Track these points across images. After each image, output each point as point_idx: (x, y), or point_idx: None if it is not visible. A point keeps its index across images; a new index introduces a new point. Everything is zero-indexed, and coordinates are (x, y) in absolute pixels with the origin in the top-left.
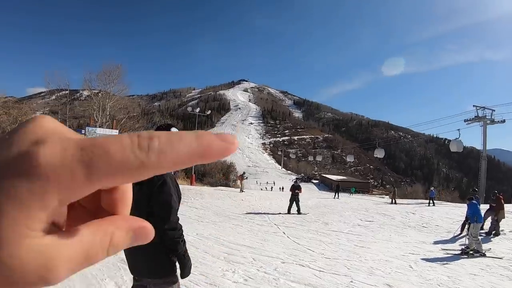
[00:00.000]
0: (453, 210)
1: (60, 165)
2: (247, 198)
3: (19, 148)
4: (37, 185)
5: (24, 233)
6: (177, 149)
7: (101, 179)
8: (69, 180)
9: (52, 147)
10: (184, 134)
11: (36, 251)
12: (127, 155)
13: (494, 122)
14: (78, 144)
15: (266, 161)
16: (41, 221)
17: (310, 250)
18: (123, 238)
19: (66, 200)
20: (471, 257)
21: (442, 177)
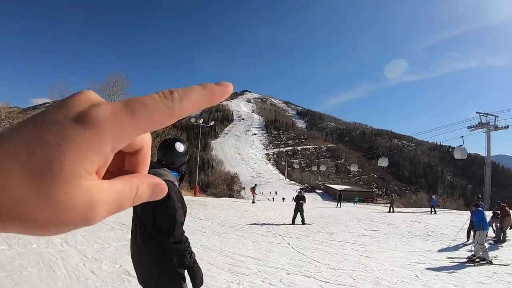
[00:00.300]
0: (458, 217)
1: (112, 117)
2: (251, 209)
3: (78, 109)
4: (95, 133)
5: (80, 173)
6: (191, 96)
7: (142, 124)
8: (119, 127)
9: (104, 107)
10: (193, 86)
11: (86, 191)
12: (158, 104)
13: (497, 128)
14: (123, 103)
15: (270, 172)
16: (94, 165)
17: (315, 260)
18: (145, 191)
19: (117, 147)
20: (478, 265)
21: (447, 184)
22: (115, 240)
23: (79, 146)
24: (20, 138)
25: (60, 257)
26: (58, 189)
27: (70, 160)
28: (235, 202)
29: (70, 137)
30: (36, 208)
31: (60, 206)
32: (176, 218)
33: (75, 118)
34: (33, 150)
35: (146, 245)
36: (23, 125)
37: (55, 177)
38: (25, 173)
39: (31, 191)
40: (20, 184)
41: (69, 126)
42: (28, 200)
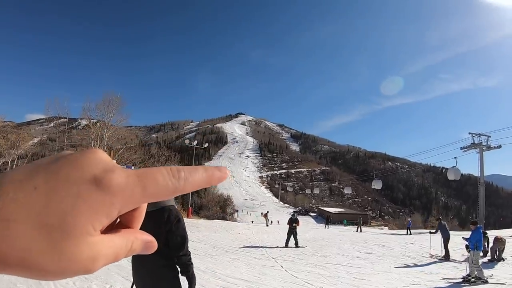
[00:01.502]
0: (453, 238)
1: (125, 187)
2: (244, 232)
3: (93, 171)
4: (108, 199)
5: (89, 231)
6: (195, 177)
7: (150, 197)
8: (130, 197)
9: (119, 174)
10: (198, 168)
11: (91, 246)
12: (167, 181)
13: (490, 148)
14: (135, 173)
15: (263, 194)
16: (101, 224)
17: (309, 283)
18: (138, 246)
19: (123, 212)
20: (473, 284)
21: (441, 205)
22: None
23: (92, 208)
24: (36, 190)
25: None
26: (69, 243)
27: (83, 220)
28: (228, 225)
29: (85, 199)
30: (44, 259)
31: (68, 258)
32: (185, 236)
33: (91, 180)
34: (49, 205)
35: (156, 259)
36: (36, 175)
37: (67, 233)
38: (39, 225)
39: (42, 242)
40: (32, 235)
41: (85, 188)
42: (38, 251)
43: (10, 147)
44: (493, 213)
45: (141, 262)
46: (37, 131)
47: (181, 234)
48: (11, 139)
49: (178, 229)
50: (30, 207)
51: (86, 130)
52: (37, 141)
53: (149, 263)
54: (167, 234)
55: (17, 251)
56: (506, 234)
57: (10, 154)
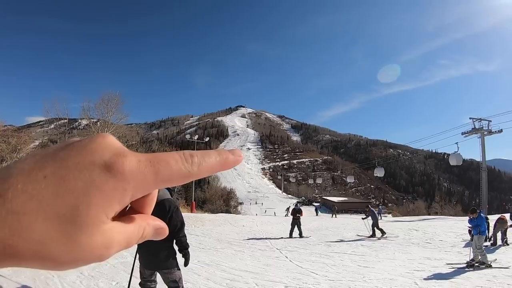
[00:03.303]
0: (456, 224)
1: (137, 172)
2: (248, 224)
3: (104, 157)
4: (120, 185)
5: (102, 219)
6: (208, 161)
7: (163, 182)
8: (142, 183)
9: (131, 159)
10: (211, 152)
11: (104, 234)
12: (180, 166)
13: (491, 133)
14: (147, 158)
15: (267, 186)
16: (114, 211)
17: (314, 273)
18: (150, 232)
19: (135, 197)
20: (477, 269)
21: (444, 191)
22: (112, 257)
23: (105, 195)
24: (45, 180)
25: (56, 274)
26: (82, 233)
27: (96, 208)
28: (232, 217)
29: (97, 186)
30: (58, 250)
31: (82, 248)
32: (183, 221)
33: (102, 166)
34: (60, 195)
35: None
36: (45, 164)
37: (80, 223)
38: (51, 216)
39: (55, 233)
40: (44, 226)
41: (96, 175)
42: (52, 242)
43: (12, 151)
44: (496, 197)
45: (146, 242)
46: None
47: (180, 219)
48: (12, 143)
49: (178, 216)
50: (40, 198)
51: (86, 130)
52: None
53: (153, 243)
54: (169, 220)
55: (30, 244)
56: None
57: (12, 158)
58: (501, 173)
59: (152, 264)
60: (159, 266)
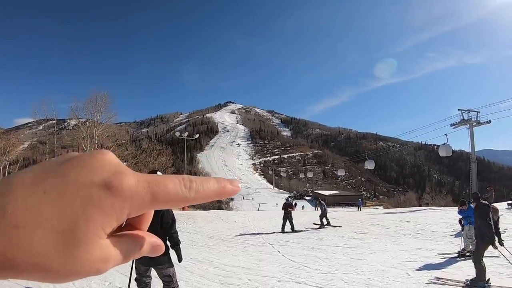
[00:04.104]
0: (447, 214)
1: (135, 192)
2: (240, 220)
3: (103, 175)
4: (118, 203)
5: (100, 235)
6: (206, 189)
7: (159, 204)
8: (140, 203)
9: (130, 178)
10: (210, 179)
11: (102, 249)
12: (177, 191)
13: (480, 124)
14: (146, 179)
15: (258, 181)
16: (112, 228)
17: (306, 266)
18: (146, 249)
19: (132, 216)
20: (468, 258)
21: (434, 182)
22: None
23: (103, 212)
24: (45, 195)
25: None
26: (80, 248)
27: (94, 224)
28: (224, 214)
29: (95, 203)
30: (57, 263)
31: (80, 261)
32: (174, 218)
33: (101, 184)
34: (59, 210)
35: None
36: (45, 179)
37: (79, 238)
38: (50, 230)
39: (54, 247)
40: (43, 240)
41: (95, 192)
42: (51, 255)
43: (1, 153)
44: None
45: None
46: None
47: (172, 217)
48: (0, 146)
49: (169, 214)
50: (39, 212)
51: (75, 130)
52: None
53: None
54: (161, 218)
55: (29, 257)
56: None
57: (1, 160)
58: (490, 163)
59: (147, 260)
60: (153, 262)
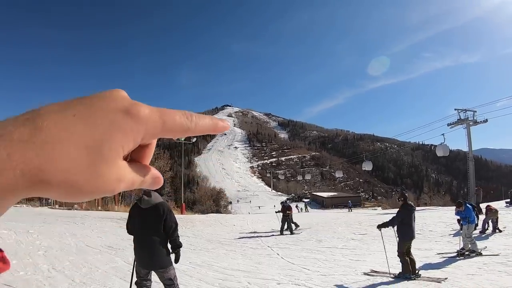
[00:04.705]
0: (445, 214)
1: (150, 119)
2: (239, 223)
3: (124, 103)
4: (136, 127)
5: (120, 154)
6: (203, 121)
7: (167, 132)
8: (153, 128)
9: (145, 108)
10: (205, 116)
11: (119, 168)
12: (182, 121)
13: (477, 123)
14: (158, 109)
15: (256, 184)
16: (128, 149)
17: (305, 268)
18: (149, 180)
19: (144, 141)
20: (468, 257)
21: (432, 182)
22: (103, 263)
23: (124, 133)
24: (75, 118)
25: (48, 283)
26: (104, 163)
27: (117, 143)
28: (223, 217)
29: (119, 125)
30: (83, 178)
31: (102, 178)
32: (177, 222)
33: (123, 110)
34: (88, 130)
35: (158, 240)
36: (73, 107)
37: (103, 155)
38: (80, 146)
39: (82, 162)
40: (74, 155)
41: (119, 117)
42: (78, 171)
43: None
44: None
45: (142, 243)
46: None
47: (174, 221)
48: None
49: (171, 218)
50: (71, 131)
51: None
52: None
53: (149, 244)
54: (164, 222)
55: (60, 172)
56: (497, 207)
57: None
58: (488, 162)
59: (149, 264)
60: (155, 265)
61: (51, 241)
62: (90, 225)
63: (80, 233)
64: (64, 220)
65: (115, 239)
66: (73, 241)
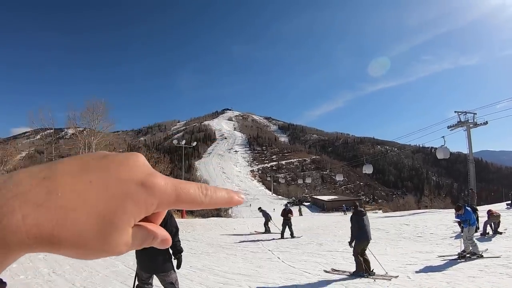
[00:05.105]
0: (446, 216)
1: (164, 191)
2: (240, 227)
3: (139, 174)
4: (150, 199)
5: (131, 224)
6: (218, 196)
7: (180, 204)
8: (166, 201)
9: (161, 180)
10: (222, 189)
11: (129, 235)
12: (196, 195)
13: (477, 125)
14: (173, 182)
15: (256, 188)
16: (139, 218)
17: (306, 272)
18: (158, 240)
19: (157, 211)
20: (469, 260)
21: (433, 185)
22: (103, 267)
23: (137, 205)
24: (91, 184)
25: (48, 287)
26: (115, 232)
27: (129, 214)
28: (223, 221)
29: (132, 197)
30: (94, 243)
31: (111, 243)
32: (177, 226)
33: (138, 182)
34: (103, 199)
35: None
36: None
37: (116, 224)
38: (93, 215)
39: (93, 230)
40: (86, 222)
41: (133, 188)
42: (89, 236)
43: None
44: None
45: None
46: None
47: (175, 225)
48: None
49: (172, 222)
50: (86, 198)
51: (73, 139)
52: (25, 155)
53: (150, 248)
54: (164, 226)
55: (72, 235)
56: (498, 208)
57: None
58: (488, 164)
59: (151, 268)
60: (157, 269)
61: None
62: None
63: None
64: None
65: None
66: None
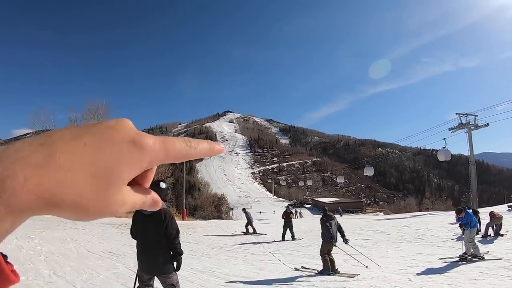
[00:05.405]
0: (447, 218)
1: (154, 148)
2: (241, 229)
3: (130, 134)
4: (142, 155)
5: (125, 181)
6: (201, 146)
7: (169, 158)
8: (156, 157)
9: (149, 138)
10: (203, 140)
11: (123, 193)
12: (182, 148)
13: (478, 127)
14: (160, 139)
15: (257, 190)
16: (133, 176)
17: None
18: (149, 202)
19: (148, 167)
20: (470, 262)
21: (434, 187)
22: (104, 269)
23: (131, 163)
24: (85, 147)
25: None
26: (110, 189)
27: (123, 172)
28: (224, 223)
29: (126, 156)
30: (91, 202)
31: (108, 202)
32: (178, 229)
33: (130, 141)
34: (97, 159)
35: (160, 246)
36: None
37: (111, 182)
38: (90, 174)
39: (91, 189)
40: (84, 182)
41: (126, 146)
42: (87, 195)
43: None
44: (485, 190)
45: (144, 248)
46: None
47: (175, 227)
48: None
49: (173, 224)
50: (82, 159)
51: None
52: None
53: (151, 249)
54: (165, 228)
55: (71, 195)
56: (499, 210)
57: None
58: (489, 166)
59: (151, 269)
60: (158, 271)
61: (52, 246)
62: (91, 231)
63: (81, 239)
64: (65, 225)
65: (116, 245)
66: (74, 246)
